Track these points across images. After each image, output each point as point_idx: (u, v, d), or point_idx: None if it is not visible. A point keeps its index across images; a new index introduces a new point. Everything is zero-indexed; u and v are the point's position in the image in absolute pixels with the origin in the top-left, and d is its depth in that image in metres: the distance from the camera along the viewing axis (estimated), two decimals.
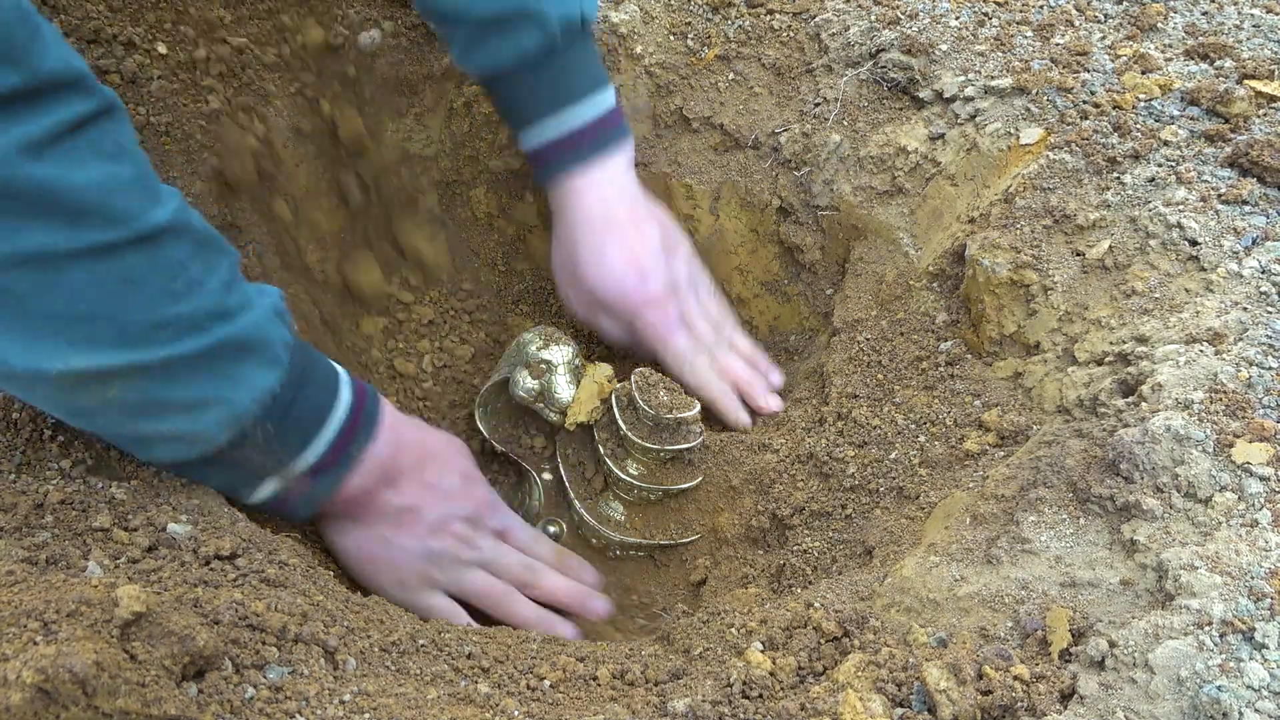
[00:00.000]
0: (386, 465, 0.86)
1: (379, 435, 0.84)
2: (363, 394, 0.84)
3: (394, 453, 0.86)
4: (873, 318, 1.06)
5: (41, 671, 0.48)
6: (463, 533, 0.94)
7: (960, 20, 1.16)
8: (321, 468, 0.80)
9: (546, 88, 0.99)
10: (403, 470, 0.88)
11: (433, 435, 0.96)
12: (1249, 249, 0.84)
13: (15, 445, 0.73)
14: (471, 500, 0.96)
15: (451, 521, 0.93)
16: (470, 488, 0.97)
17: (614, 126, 1.03)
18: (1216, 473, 0.69)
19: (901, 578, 0.75)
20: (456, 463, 0.96)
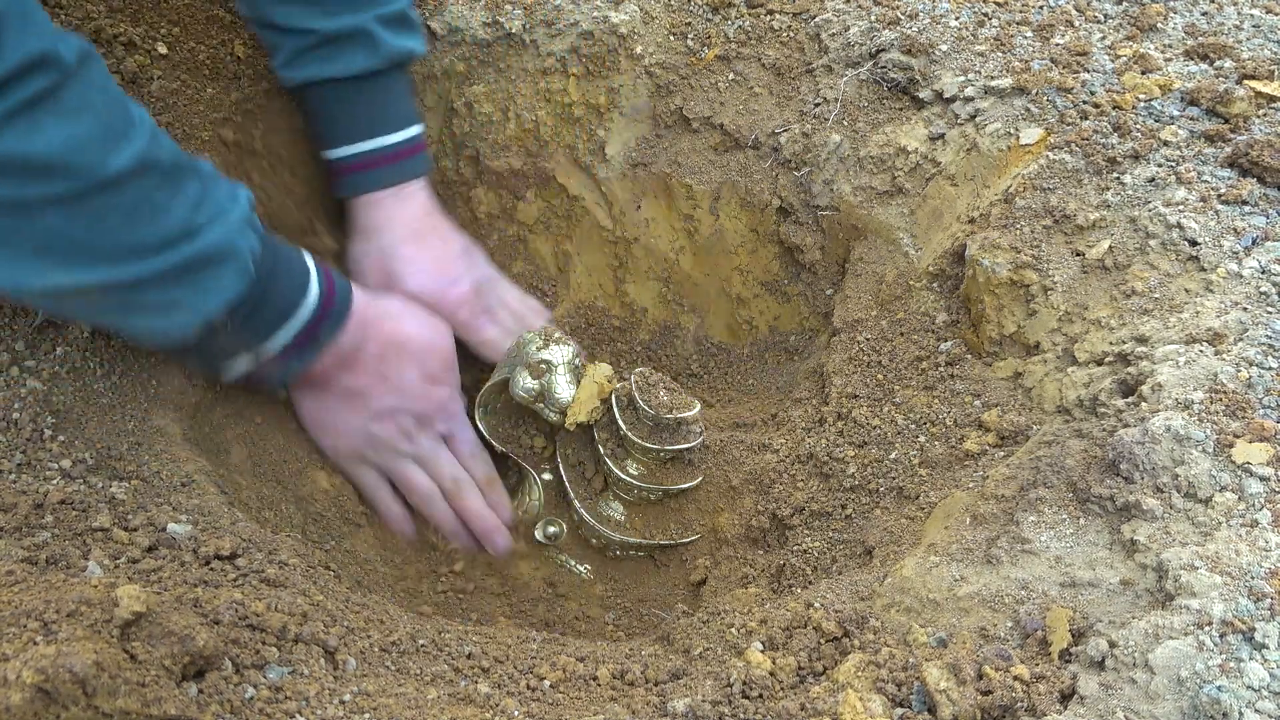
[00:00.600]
0: (347, 352, 0.95)
1: (347, 325, 0.93)
2: (332, 287, 0.91)
3: (359, 341, 0.96)
4: (873, 318, 1.06)
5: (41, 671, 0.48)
6: (406, 426, 1.03)
7: (960, 20, 1.16)
8: (290, 351, 0.90)
9: (368, 108, 1.07)
10: (362, 358, 0.97)
11: (411, 329, 1.02)
12: (1249, 249, 0.84)
13: (15, 445, 0.73)
14: (425, 400, 1.04)
15: (398, 413, 1.02)
16: (429, 387, 1.04)
17: (421, 154, 1.12)
18: (1216, 473, 0.69)
19: (901, 578, 0.75)
20: (423, 360, 1.02)
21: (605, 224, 1.29)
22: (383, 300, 1.01)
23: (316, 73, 1.03)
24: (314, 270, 0.90)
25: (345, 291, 0.93)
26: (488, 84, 1.23)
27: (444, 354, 1.06)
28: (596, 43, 1.21)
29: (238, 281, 0.79)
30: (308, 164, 1.15)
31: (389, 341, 0.99)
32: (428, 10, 1.19)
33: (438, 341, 1.05)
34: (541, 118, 1.25)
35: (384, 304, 1.01)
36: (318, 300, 0.89)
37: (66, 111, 0.67)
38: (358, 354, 0.97)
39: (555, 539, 1.13)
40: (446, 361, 1.06)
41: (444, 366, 1.06)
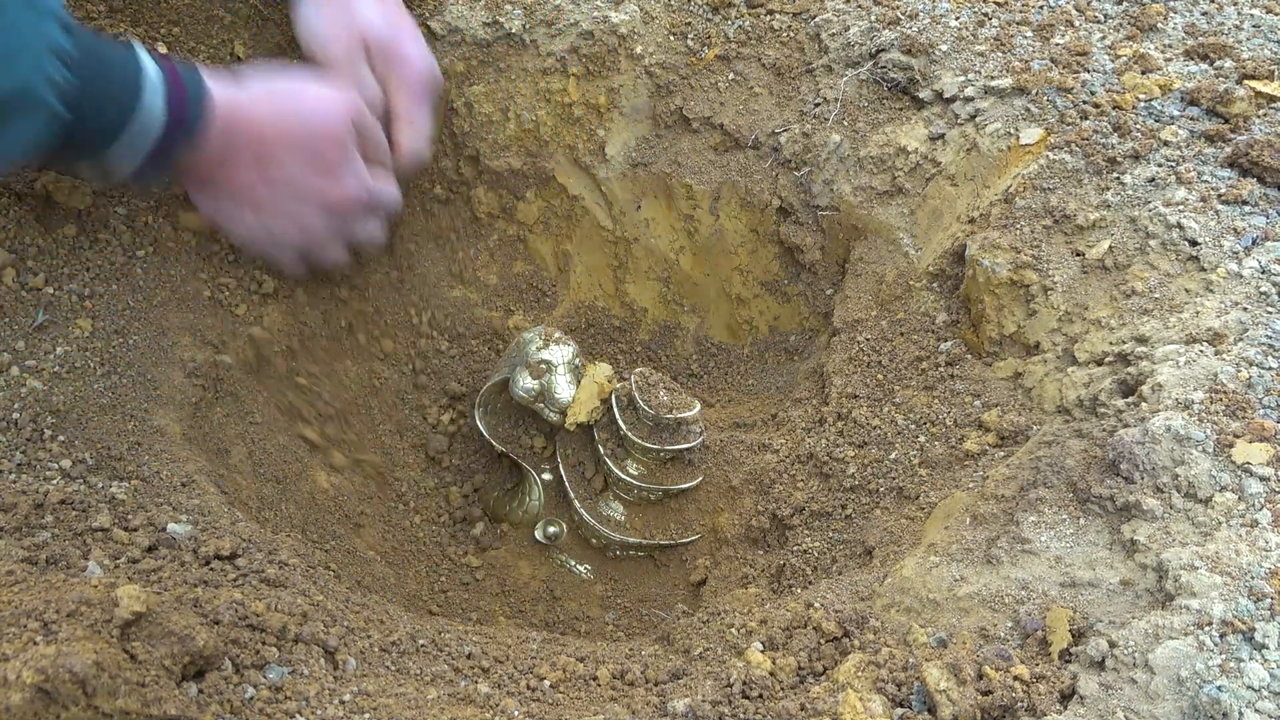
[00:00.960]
0: (217, 152, 0.88)
1: (203, 130, 0.85)
2: (181, 96, 0.83)
3: (228, 140, 0.88)
4: (873, 318, 1.06)
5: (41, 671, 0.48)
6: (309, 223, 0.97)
7: (960, 20, 1.16)
8: (145, 165, 0.83)
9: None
10: (237, 157, 0.90)
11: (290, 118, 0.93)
12: (1249, 249, 0.84)
13: (15, 445, 0.73)
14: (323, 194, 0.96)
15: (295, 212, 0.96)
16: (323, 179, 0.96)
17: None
18: (1216, 473, 0.69)
19: (901, 578, 0.75)
20: (309, 150, 0.94)
21: (605, 224, 1.29)
22: (255, 89, 0.91)
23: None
24: (153, 80, 0.81)
25: (197, 96, 0.85)
26: (488, 84, 1.23)
27: (335, 137, 0.95)
28: (596, 43, 1.21)
29: (41, 125, 0.73)
30: None
31: (265, 136, 0.91)
32: (428, 10, 1.19)
33: (324, 125, 0.94)
34: (541, 118, 1.25)
35: (255, 95, 0.90)
36: (163, 114, 0.82)
37: None
38: (231, 154, 0.89)
39: (555, 539, 1.13)
40: (338, 143, 0.95)
41: (338, 151, 0.95)
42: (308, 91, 0.95)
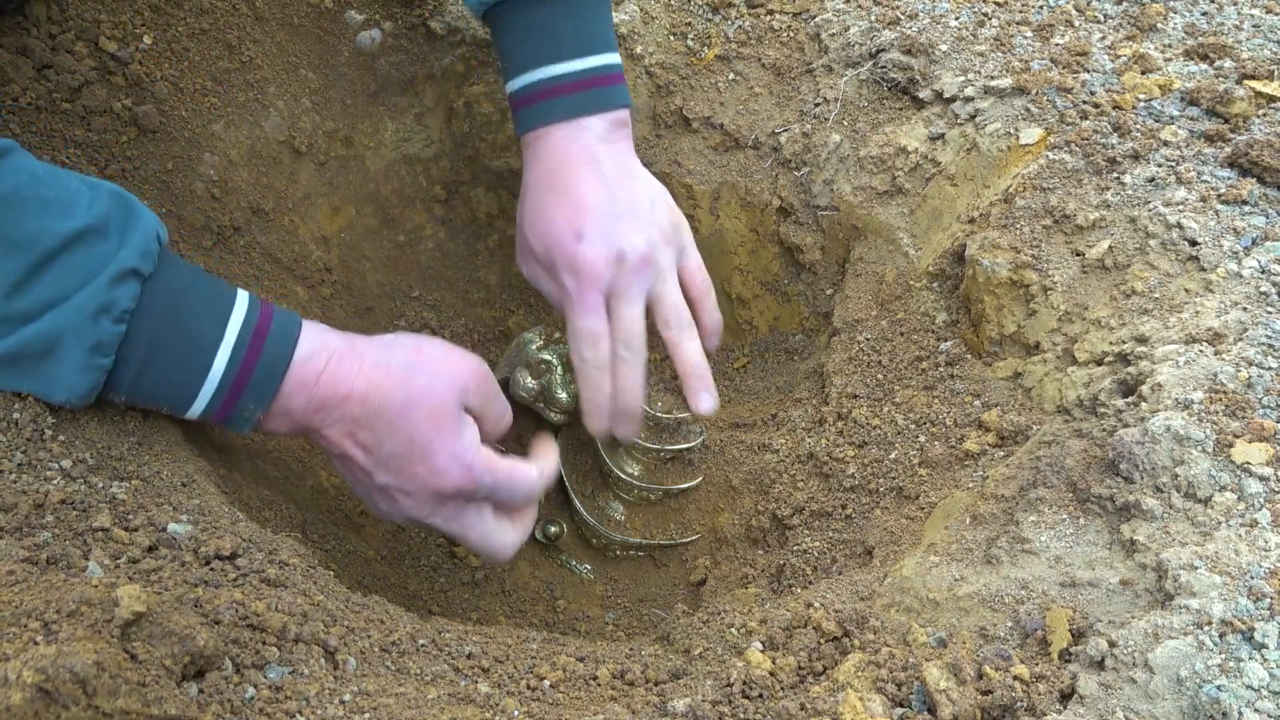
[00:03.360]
0: (300, 420, 0.81)
1: (276, 400, 0.79)
2: (250, 362, 0.77)
3: (307, 410, 0.80)
4: (873, 318, 1.06)
5: (42, 671, 0.48)
6: (411, 507, 0.85)
7: (960, 20, 1.16)
8: (216, 420, 0.79)
9: (544, 32, 0.91)
10: (327, 425, 0.82)
11: (382, 391, 0.81)
12: (1249, 249, 0.84)
13: (15, 445, 0.73)
14: (413, 481, 0.83)
15: (394, 493, 0.84)
16: (416, 462, 0.82)
17: (604, 87, 0.94)
18: (1216, 473, 0.69)
19: (901, 578, 0.75)
20: (402, 427, 0.82)
21: None
22: (355, 352, 0.82)
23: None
24: (225, 343, 0.76)
25: (278, 358, 0.78)
26: (487, 84, 1.23)
27: (436, 415, 0.82)
28: None
29: (82, 377, 0.70)
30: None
31: (356, 409, 0.81)
32: (428, 10, 1.19)
33: (424, 400, 0.82)
34: None
35: (351, 359, 0.81)
36: (223, 378, 0.76)
37: None
38: (318, 421, 0.81)
39: (555, 539, 1.13)
40: (440, 424, 0.82)
41: (436, 433, 0.82)
42: (419, 365, 0.83)
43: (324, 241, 1.19)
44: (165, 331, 0.74)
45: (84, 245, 0.69)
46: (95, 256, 0.69)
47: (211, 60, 1.05)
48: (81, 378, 0.70)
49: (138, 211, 0.73)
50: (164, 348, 0.74)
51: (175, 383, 0.76)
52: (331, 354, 0.81)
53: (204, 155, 1.04)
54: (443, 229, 1.30)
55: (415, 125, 1.25)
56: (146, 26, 1.00)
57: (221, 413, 0.78)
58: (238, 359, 0.77)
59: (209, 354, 0.76)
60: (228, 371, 0.76)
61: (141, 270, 0.71)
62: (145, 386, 0.74)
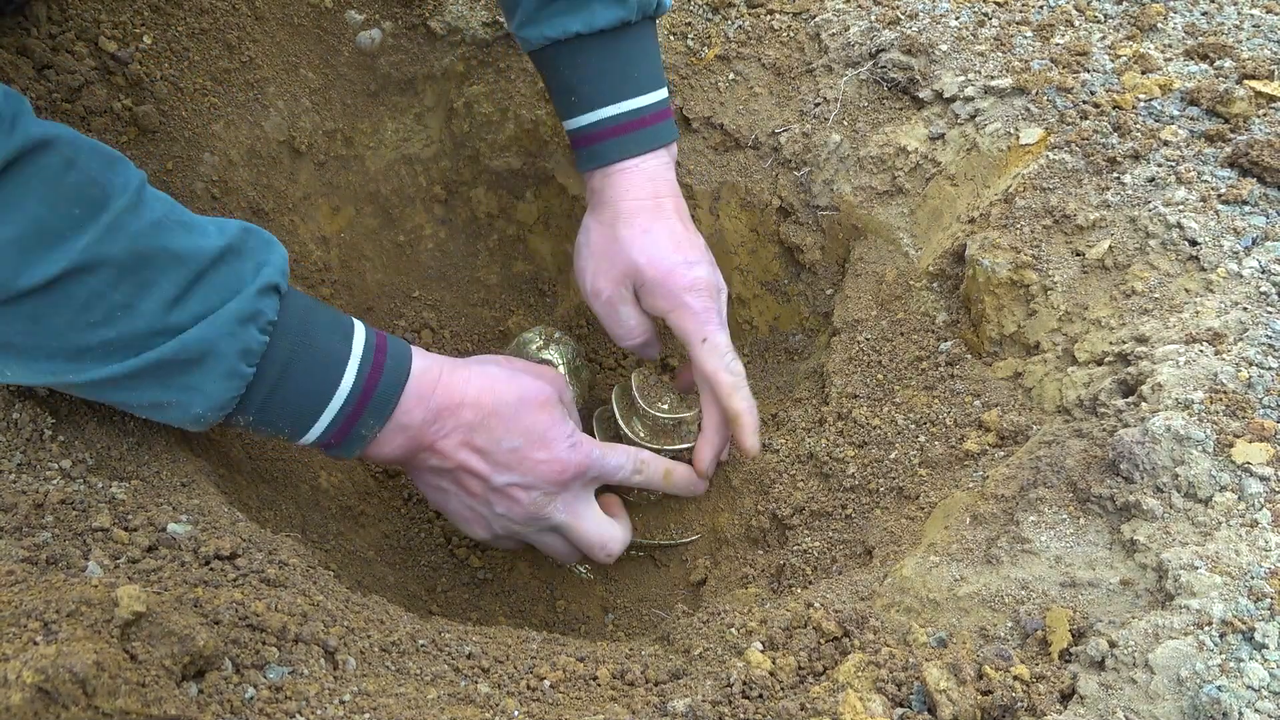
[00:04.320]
0: (416, 435, 0.85)
1: (394, 414, 0.83)
2: (374, 378, 0.81)
3: (424, 423, 0.85)
4: (873, 318, 1.06)
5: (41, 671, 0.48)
6: (534, 501, 0.90)
7: (960, 20, 1.16)
8: (330, 445, 0.82)
9: (612, 68, 0.96)
10: (443, 439, 0.86)
11: (496, 393, 0.87)
12: (1249, 249, 0.84)
13: (15, 445, 0.73)
14: (542, 470, 0.90)
15: (514, 490, 0.90)
16: (540, 455, 0.89)
17: (668, 121, 1.02)
18: (1216, 473, 0.69)
19: (901, 578, 0.75)
20: (522, 423, 0.88)
21: None
22: (461, 366, 0.88)
23: (560, 28, 0.93)
24: (352, 360, 0.80)
25: (391, 379, 0.82)
26: (487, 84, 1.23)
27: (546, 406, 0.90)
28: None
29: (228, 385, 0.73)
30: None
31: (471, 414, 0.86)
32: (428, 10, 1.19)
33: (534, 395, 0.89)
34: (541, 118, 1.25)
35: (461, 371, 0.87)
36: (350, 394, 0.80)
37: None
38: (434, 434, 0.86)
39: None
40: (552, 413, 0.90)
41: (551, 421, 0.90)
42: (518, 369, 0.92)
43: (324, 241, 1.19)
44: (300, 345, 0.77)
45: (228, 263, 0.73)
46: (241, 272, 0.73)
47: (211, 60, 1.05)
48: (225, 386, 0.73)
49: (267, 237, 0.77)
50: (299, 360, 0.77)
51: (306, 397, 0.79)
52: (443, 367, 0.86)
53: (204, 155, 1.04)
54: (443, 229, 1.30)
55: (415, 125, 1.25)
56: (146, 26, 1.00)
57: (340, 432, 0.81)
58: (364, 372, 0.81)
59: (340, 367, 0.80)
60: (355, 384, 0.80)
61: (281, 287, 0.76)
62: (276, 403, 0.77)
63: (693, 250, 1.00)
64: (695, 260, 1.00)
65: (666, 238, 0.99)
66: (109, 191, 0.67)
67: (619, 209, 1.00)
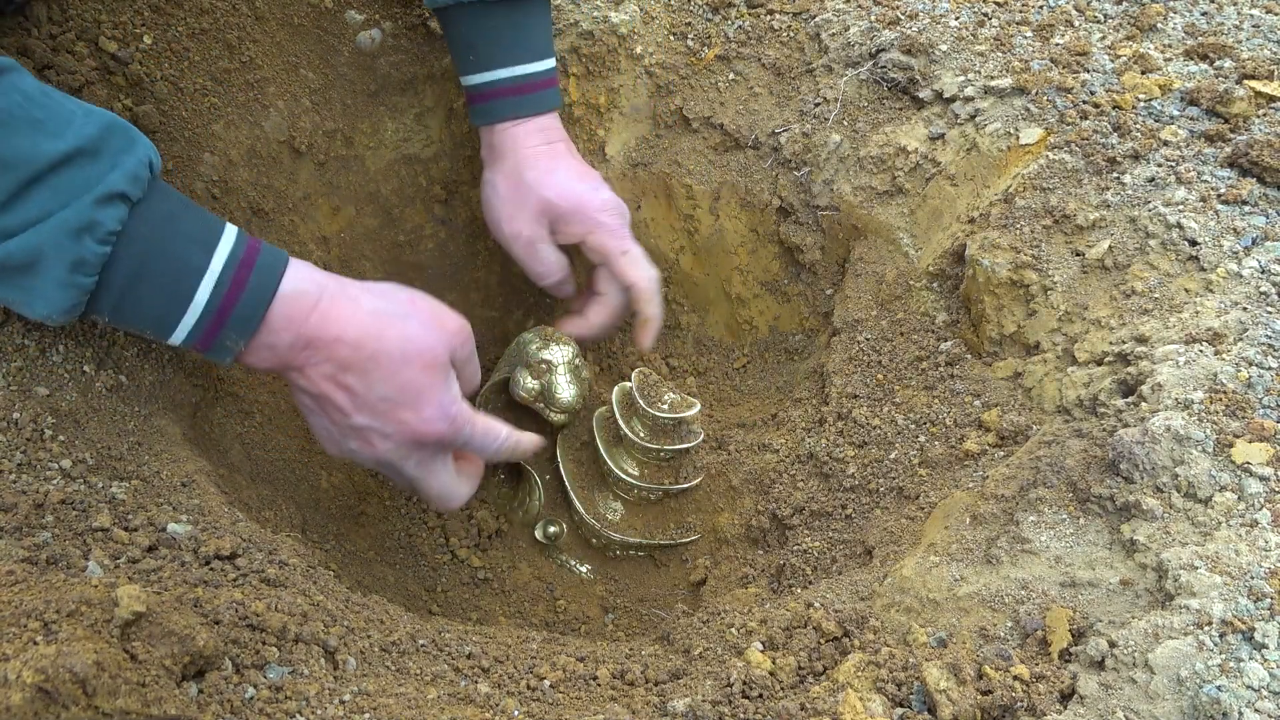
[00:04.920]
0: (284, 356, 0.83)
1: (259, 333, 0.80)
2: (233, 295, 0.78)
3: (293, 346, 0.82)
4: (873, 318, 1.06)
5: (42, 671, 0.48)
6: (387, 450, 0.88)
7: (960, 20, 1.16)
8: (200, 350, 0.80)
9: (514, 33, 1.05)
10: (311, 364, 0.84)
11: (378, 338, 0.84)
12: (1249, 249, 0.84)
13: (15, 445, 0.73)
14: (398, 426, 0.87)
15: (373, 434, 0.87)
16: (405, 409, 0.86)
17: (556, 88, 1.11)
18: (1216, 473, 0.69)
19: (901, 578, 0.75)
20: (395, 374, 0.85)
21: None
22: (348, 295, 0.84)
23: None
24: (213, 271, 0.77)
25: (262, 289, 0.79)
26: None
27: (430, 368, 0.87)
28: (596, 43, 1.21)
29: (64, 292, 0.71)
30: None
31: (347, 352, 0.83)
32: (428, 10, 1.19)
33: (421, 352, 0.86)
34: None
35: (357, 308, 0.84)
36: (207, 305, 0.77)
37: None
38: (304, 358, 0.83)
39: (555, 539, 1.13)
40: (433, 376, 0.87)
41: (430, 384, 0.87)
42: (414, 316, 0.87)
43: (324, 241, 1.19)
44: (150, 256, 0.75)
45: (72, 166, 0.70)
46: (83, 177, 0.70)
47: (211, 60, 1.05)
48: (62, 293, 0.71)
49: (133, 137, 0.74)
50: (148, 272, 0.75)
51: (158, 308, 0.77)
52: (323, 293, 0.83)
53: (204, 155, 1.04)
54: (443, 229, 1.30)
55: (415, 125, 1.25)
56: (146, 26, 1.00)
57: (203, 342, 0.79)
58: (222, 289, 0.78)
59: (193, 281, 0.77)
60: (211, 300, 0.77)
61: (130, 194, 0.72)
62: (127, 309, 0.76)
63: (594, 178, 1.10)
64: (599, 185, 1.09)
65: (569, 172, 1.08)
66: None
67: (520, 156, 1.08)
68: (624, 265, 1.09)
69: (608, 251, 1.09)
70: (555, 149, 1.09)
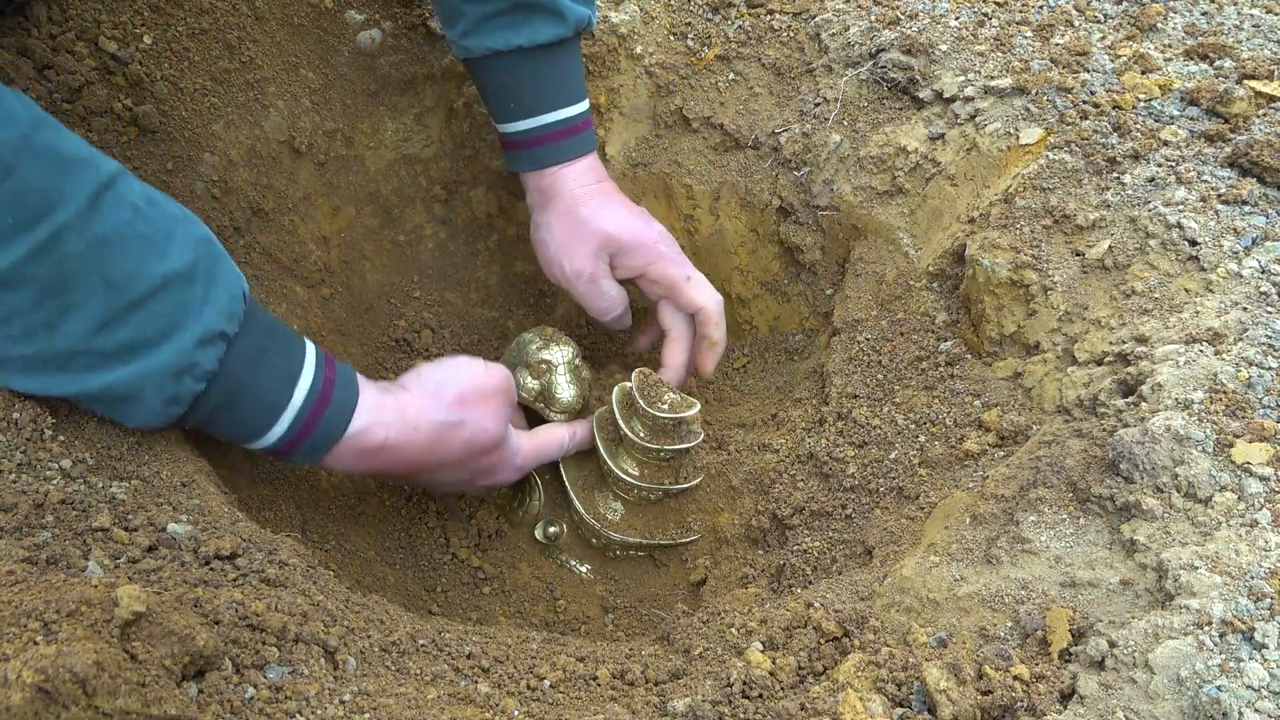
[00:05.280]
0: (360, 469, 0.89)
1: (329, 457, 0.85)
2: (309, 426, 0.82)
3: (368, 470, 0.89)
4: (873, 318, 1.06)
5: (42, 671, 0.48)
6: (450, 489, 1.01)
7: (960, 20, 1.16)
8: (278, 455, 0.84)
9: (552, 79, 1.06)
10: (390, 465, 0.90)
11: (442, 450, 0.91)
12: (1249, 249, 0.84)
13: (15, 445, 0.73)
14: (475, 488, 1.01)
15: (454, 485, 1.00)
16: (479, 479, 0.99)
17: (592, 128, 1.12)
18: (1216, 473, 0.69)
19: (901, 578, 0.75)
20: (466, 466, 0.95)
21: None
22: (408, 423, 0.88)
23: (502, 41, 1.01)
24: (297, 401, 0.81)
25: (332, 428, 0.83)
26: None
27: (492, 450, 0.95)
28: (596, 43, 1.21)
29: (155, 418, 0.74)
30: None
31: (417, 467, 0.91)
32: (428, 10, 1.19)
33: (482, 443, 0.93)
34: None
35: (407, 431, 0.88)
36: (283, 435, 0.81)
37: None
38: (379, 473, 0.91)
39: (555, 539, 1.13)
40: (500, 454, 0.97)
41: (499, 462, 0.98)
42: (467, 417, 0.91)
43: (324, 241, 1.19)
44: (240, 389, 0.78)
45: (171, 291, 0.70)
46: (181, 304, 0.71)
47: (211, 60, 1.05)
48: (152, 419, 0.74)
49: (224, 264, 0.75)
50: (235, 404, 0.78)
51: (237, 433, 0.81)
52: (389, 434, 0.87)
53: (204, 155, 1.04)
54: (443, 229, 1.30)
55: (415, 125, 1.25)
56: (146, 26, 1.00)
57: (280, 454, 0.84)
58: (297, 425, 0.82)
59: (272, 418, 0.81)
60: (285, 434, 0.82)
61: (228, 332, 0.75)
62: (213, 427, 0.80)
63: (644, 214, 1.12)
64: (650, 220, 1.12)
65: (623, 208, 1.10)
66: (51, 200, 0.64)
67: (574, 197, 1.09)
68: (690, 291, 1.10)
69: (672, 279, 1.10)
70: (605, 188, 1.11)
